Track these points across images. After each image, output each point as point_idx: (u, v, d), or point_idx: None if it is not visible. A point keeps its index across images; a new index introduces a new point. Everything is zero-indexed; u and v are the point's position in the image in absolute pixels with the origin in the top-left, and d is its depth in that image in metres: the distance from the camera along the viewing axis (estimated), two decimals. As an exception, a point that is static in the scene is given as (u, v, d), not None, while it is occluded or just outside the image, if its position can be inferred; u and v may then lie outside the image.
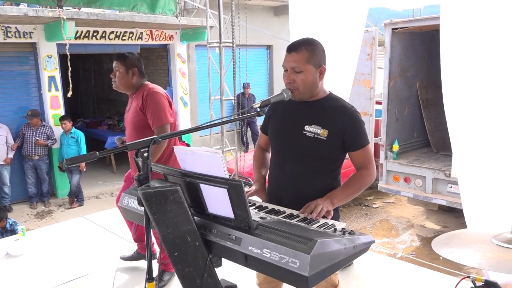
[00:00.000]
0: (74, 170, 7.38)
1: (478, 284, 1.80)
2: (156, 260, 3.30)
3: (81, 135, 7.47)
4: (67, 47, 4.39)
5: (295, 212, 1.91)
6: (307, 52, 2.00)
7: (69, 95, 4.65)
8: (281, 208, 1.97)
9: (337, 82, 3.33)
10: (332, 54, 2.11)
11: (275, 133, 2.25)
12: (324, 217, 1.87)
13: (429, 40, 6.62)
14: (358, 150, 2.07)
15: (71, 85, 4.81)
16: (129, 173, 3.40)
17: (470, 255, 1.65)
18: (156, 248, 3.28)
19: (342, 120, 2.04)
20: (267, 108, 2.31)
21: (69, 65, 4.59)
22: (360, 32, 3.82)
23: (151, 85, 3.12)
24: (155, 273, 1.76)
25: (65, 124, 7.33)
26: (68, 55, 4.46)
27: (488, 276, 2.72)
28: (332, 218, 1.90)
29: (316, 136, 2.05)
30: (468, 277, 1.83)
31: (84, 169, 7.50)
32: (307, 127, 2.08)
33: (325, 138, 2.04)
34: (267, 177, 2.35)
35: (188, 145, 3.37)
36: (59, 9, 3.96)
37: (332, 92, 2.17)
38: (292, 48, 2.03)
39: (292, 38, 4.02)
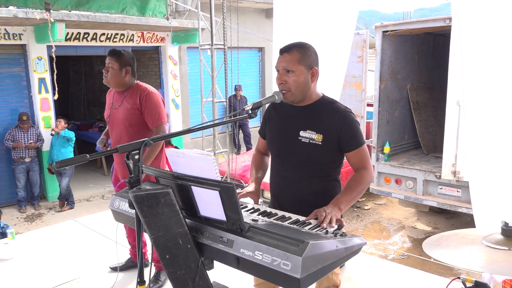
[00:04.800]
0: (64, 172, 7.33)
1: (468, 285, 1.81)
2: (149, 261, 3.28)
3: (71, 134, 7.47)
4: (53, 50, 4.35)
5: (294, 216, 1.89)
6: (298, 53, 2.02)
7: (55, 97, 4.61)
8: (273, 210, 1.97)
9: (327, 84, 3.35)
10: (322, 56, 2.12)
11: (272, 139, 2.26)
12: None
13: (419, 42, 6.68)
14: (354, 150, 2.07)
15: (57, 88, 4.77)
16: (115, 176, 3.38)
17: (461, 256, 1.66)
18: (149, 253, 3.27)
19: (336, 122, 2.04)
20: (264, 112, 2.33)
21: (54, 68, 4.54)
22: (350, 34, 3.83)
23: (144, 85, 3.19)
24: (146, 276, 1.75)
25: (60, 121, 7.36)
26: (54, 58, 4.42)
27: (483, 278, 2.75)
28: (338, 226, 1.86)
29: (311, 141, 2.06)
30: (459, 278, 1.85)
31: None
32: (302, 133, 2.08)
33: (320, 143, 2.04)
34: (265, 180, 2.35)
35: (177, 147, 3.41)
36: (47, 12, 3.92)
37: (325, 95, 2.18)
38: (284, 49, 2.06)
39: (276, 41, 4.01)
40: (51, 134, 7.44)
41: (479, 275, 2.88)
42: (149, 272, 1.95)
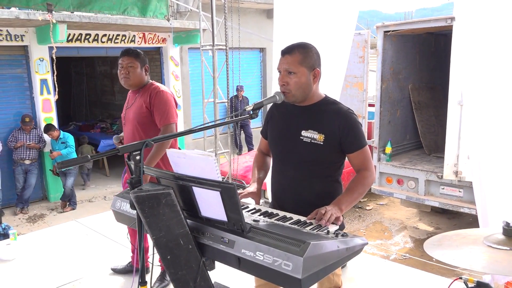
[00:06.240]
0: (69, 172, 7.35)
1: (470, 285, 1.81)
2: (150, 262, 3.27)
3: (70, 137, 7.47)
4: (54, 51, 4.37)
5: (295, 217, 1.89)
6: (300, 54, 2.02)
7: (55, 98, 4.64)
8: (275, 211, 1.97)
9: (327, 84, 3.35)
10: (322, 56, 2.12)
11: (273, 139, 2.26)
12: (333, 223, 1.82)
13: (421, 42, 6.67)
14: (357, 151, 2.06)
15: (57, 89, 4.79)
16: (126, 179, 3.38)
17: (462, 257, 1.66)
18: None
19: (338, 123, 2.04)
20: (267, 112, 2.33)
21: (55, 69, 4.56)
22: (350, 34, 3.83)
23: (157, 83, 3.15)
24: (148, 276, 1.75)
25: (51, 134, 7.31)
26: (54, 59, 4.44)
27: (484, 279, 2.75)
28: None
29: (312, 141, 2.05)
30: (461, 278, 1.84)
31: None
32: (303, 132, 2.08)
33: (321, 143, 2.04)
34: (266, 180, 2.35)
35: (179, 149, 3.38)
36: (49, 13, 3.93)
37: (328, 95, 2.18)
38: (286, 51, 2.05)
39: (276, 41, 4.01)
40: (54, 158, 7.37)
41: (481, 275, 2.88)
42: (150, 273, 1.94)
